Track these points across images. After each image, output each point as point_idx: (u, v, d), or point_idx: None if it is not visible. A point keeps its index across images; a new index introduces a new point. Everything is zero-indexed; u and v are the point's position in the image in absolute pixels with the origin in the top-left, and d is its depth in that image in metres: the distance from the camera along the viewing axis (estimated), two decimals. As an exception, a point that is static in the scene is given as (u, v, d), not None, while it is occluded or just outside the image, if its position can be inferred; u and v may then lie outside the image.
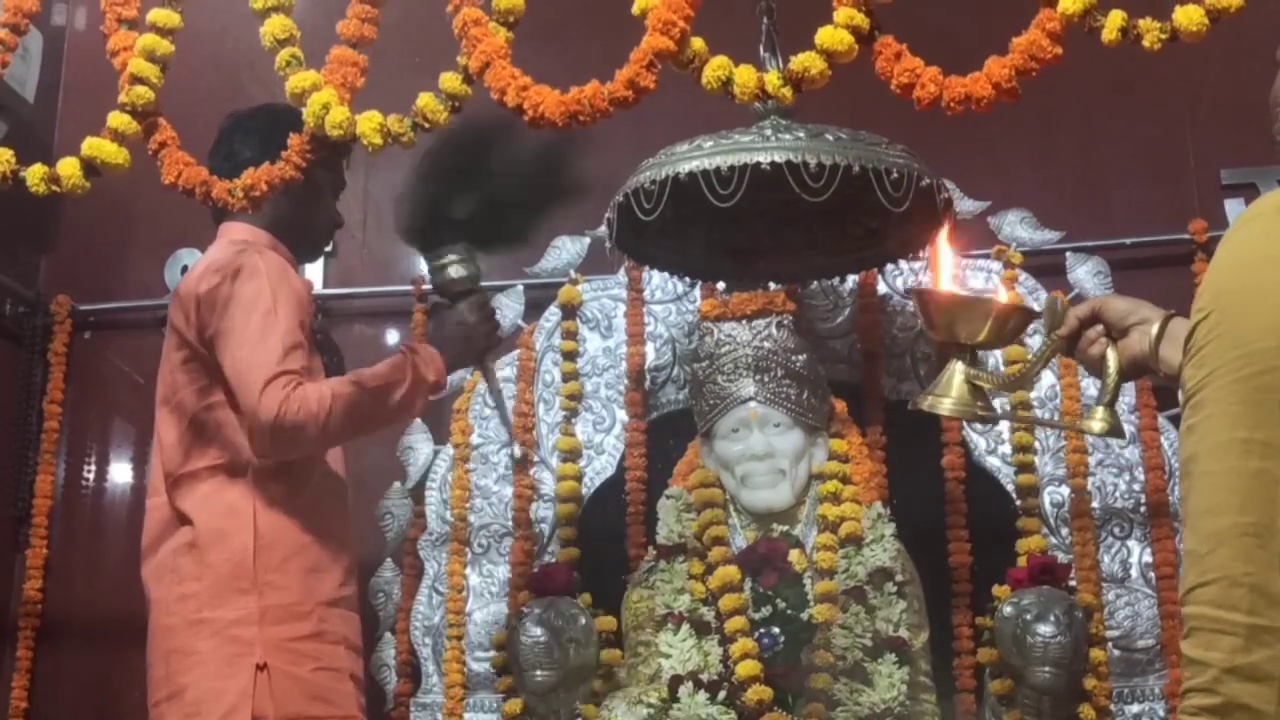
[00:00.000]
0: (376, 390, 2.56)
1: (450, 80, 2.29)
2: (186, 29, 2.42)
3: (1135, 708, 3.10)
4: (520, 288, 3.58)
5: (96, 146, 2.34)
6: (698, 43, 2.23)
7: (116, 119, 2.35)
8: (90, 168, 2.35)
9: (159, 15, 2.38)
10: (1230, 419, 1.14)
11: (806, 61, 2.20)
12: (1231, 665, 1.10)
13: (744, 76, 2.23)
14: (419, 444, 3.51)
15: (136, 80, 2.34)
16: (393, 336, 3.78)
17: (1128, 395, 3.28)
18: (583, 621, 3.06)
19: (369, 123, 2.28)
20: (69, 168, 2.36)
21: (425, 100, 2.29)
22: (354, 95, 2.33)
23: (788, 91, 2.23)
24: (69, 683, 3.60)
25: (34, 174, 2.39)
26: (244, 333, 2.50)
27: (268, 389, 2.42)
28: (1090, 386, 3.25)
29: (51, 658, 3.63)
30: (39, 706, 3.60)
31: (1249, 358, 1.14)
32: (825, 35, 2.20)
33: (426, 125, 2.30)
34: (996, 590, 2.99)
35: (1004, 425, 3.29)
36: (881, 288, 3.44)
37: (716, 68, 2.24)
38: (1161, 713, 3.07)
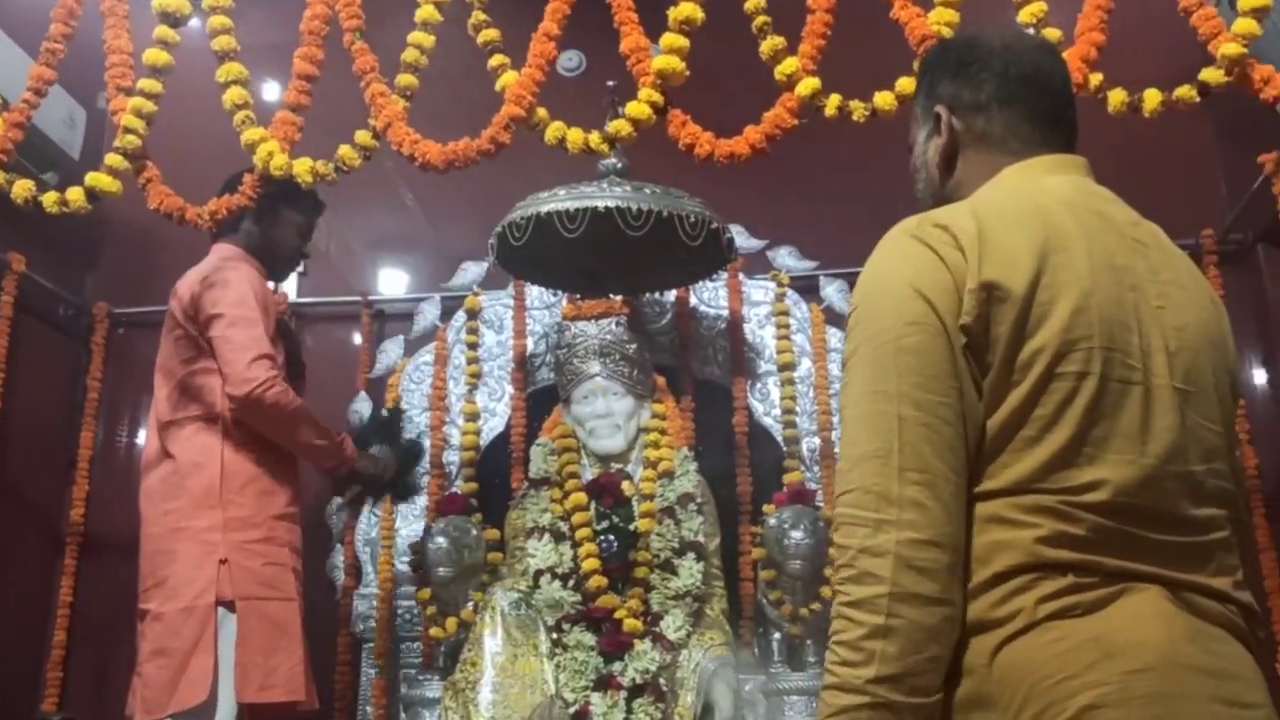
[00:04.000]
0: (316, 429, 2.59)
1: (363, 136, 2.21)
2: (176, 94, 2.30)
3: (863, 591, 3.06)
4: (438, 298, 3.50)
5: (95, 179, 2.25)
6: (542, 112, 2.17)
7: (112, 159, 2.26)
8: (91, 194, 2.23)
9: (146, 84, 2.28)
10: (865, 377, 1.14)
11: (618, 126, 2.15)
12: (863, 547, 1.08)
13: (574, 136, 2.18)
14: (363, 408, 3.39)
15: (128, 131, 2.23)
16: (349, 332, 3.64)
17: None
18: (474, 533, 2.97)
19: (302, 166, 2.20)
20: (75, 194, 2.24)
21: (344, 150, 2.22)
22: (292, 146, 2.23)
23: (605, 147, 2.18)
24: (102, 584, 3.45)
25: (49, 198, 2.27)
26: (231, 318, 2.44)
27: (255, 364, 2.37)
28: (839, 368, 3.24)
29: (90, 565, 3.49)
30: (81, 600, 3.46)
31: (877, 335, 1.14)
32: (631, 108, 2.16)
33: (346, 169, 2.21)
34: (766, 508, 2.96)
35: (775, 395, 3.26)
36: (692, 300, 3.40)
37: (555, 130, 2.18)
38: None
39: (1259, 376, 3.24)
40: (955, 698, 1.08)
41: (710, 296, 3.41)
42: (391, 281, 3.80)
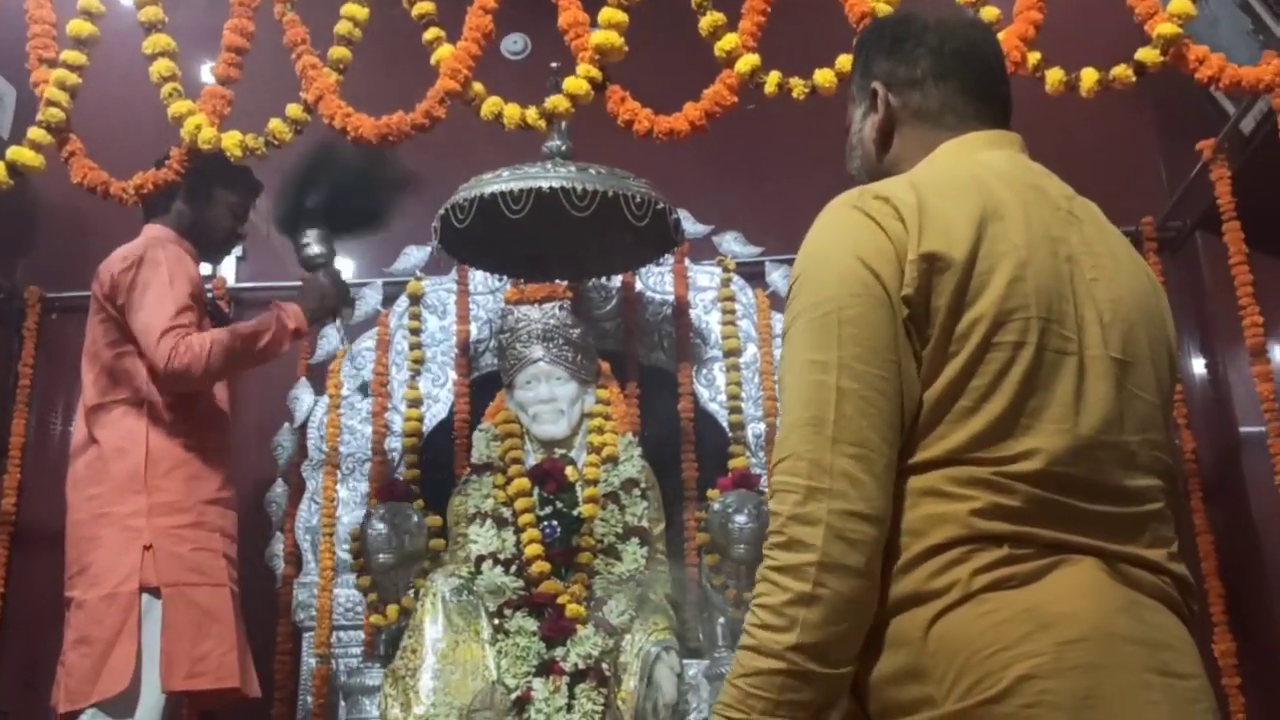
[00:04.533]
0: (247, 337, 2.43)
1: (294, 109, 2.15)
2: (99, 66, 2.23)
3: (807, 575, 3.05)
4: (379, 283, 3.43)
5: (18, 153, 2.17)
6: (478, 86, 2.13)
7: (35, 133, 2.18)
8: (13, 169, 2.15)
9: (70, 56, 2.20)
10: (803, 347, 1.12)
11: (555, 102, 2.12)
12: (793, 514, 1.06)
13: (511, 111, 2.14)
14: (303, 394, 3.33)
15: (50, 104, 2.14)
16: (287, 318, 3.56)
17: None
18: (415, 519, 2.92)
19: (231, 139, 2.13)
20: (-5, 168, 2.16)
21: (275, 124, 2.15)
22: (223, 119, 2.17)
23: (543, 123, 2.13)
24: (34, 575, 3.32)
25: (-32, 174, 2.18)
26: (144, 301, 2.35)
27: (163, 339, 2.28)
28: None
29: (22, 555, 3.38)
30: (13, 592, 3.35)
31: (817, 305, 1.12)
32: (570, 83, 2.12)
33: (276, 143, 2.15)
34: (710, 493, 2.94)
35: (721, 380, 3.24)
36: (638, 285, 3.37)
37: (491, 105, 2.14)
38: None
39: (1196, 364, 3.27)
40: (887, 670, 1.07)
41: (656, 282, 3.38)
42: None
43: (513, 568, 2.77)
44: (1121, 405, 1.13)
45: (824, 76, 2.07)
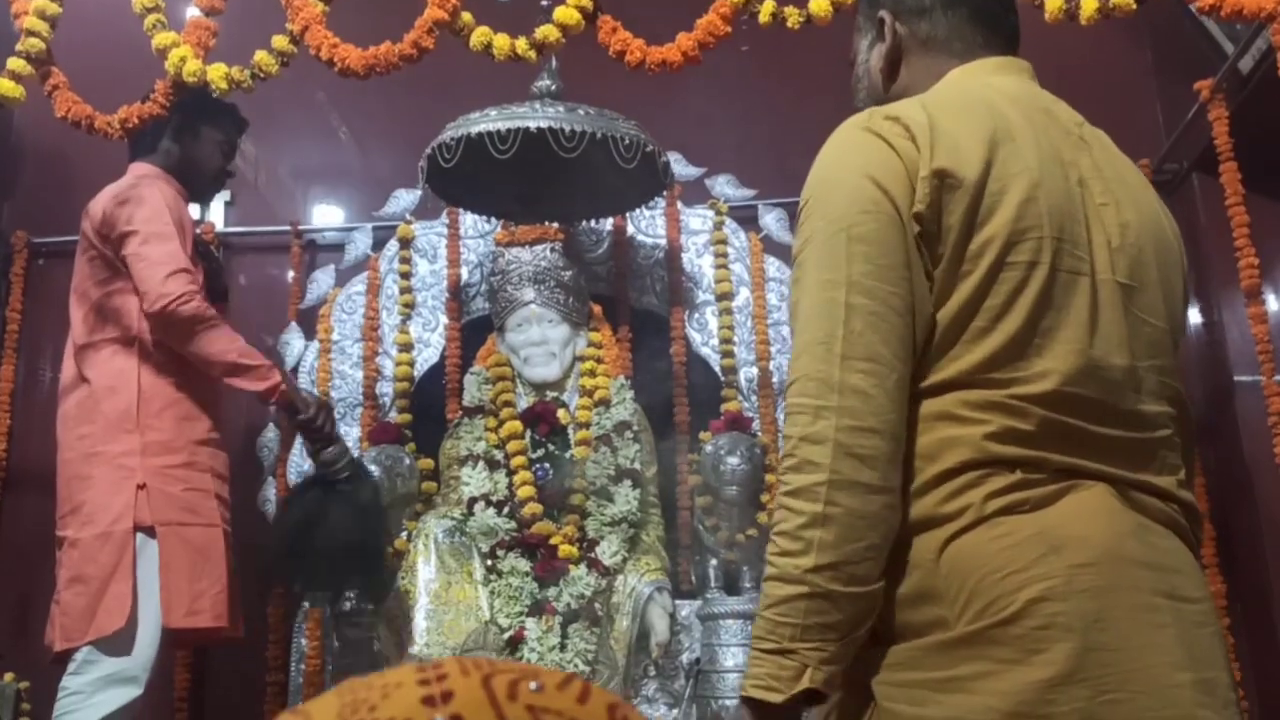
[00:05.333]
0: (240, 361, 2.34)
1: (279, 40, 2.10)
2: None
3: (799, 518, 3.06)
4: (369, 228, 3.38)
5: None
6: (467, 16, 2.09)
7: (14, 63, 2.12)
8: (-8, 101, 2.11)
9: (50, -16, 2.14)
10: (815, 268, 1.10)
11: (546, 31, 2.08)
12: (803, 434, 1.05)
13: (500, 41, 2.10)
14: (294, 340, 3.29)
15: (30, 34, 2.10)
16: (276, 263, 3.52)
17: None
18: (407, 462, 2.91)
19: (217, 72, 2.09)
20: (-26, 100, 2.11)
21: (261, 56, 2.10)
22: (208, 52, 2.12)
23: (533, 53, 2.10)
24: (25, 517, 3.32)
25: (-54, 105, 2.14)
26: (145, 234, 2.31)
27: (173, 277, 2.25)
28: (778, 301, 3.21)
29: (12, 499, 3.36)
30: (4, 535, 3.34)
31: (827, 225, 1.10)
32: (560, 13, 2.08)
33: (262, 75, 2.10)
34: (702, 435, 2.93)
35: (713, 324, 3.23)
36: (630, 229, 3.34)
37: (481, 35, 2.10)
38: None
39: (1191, 309, 3.27)
40: (900, 592, 1.06)
41: (648, 225, 3.35)
42: (323, 212, 3.68)
43: (505, 509, 2.77)
44: (1131, 329, 1.12)
45: (819, 5, 2.03)
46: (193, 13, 2.22)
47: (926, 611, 1.05)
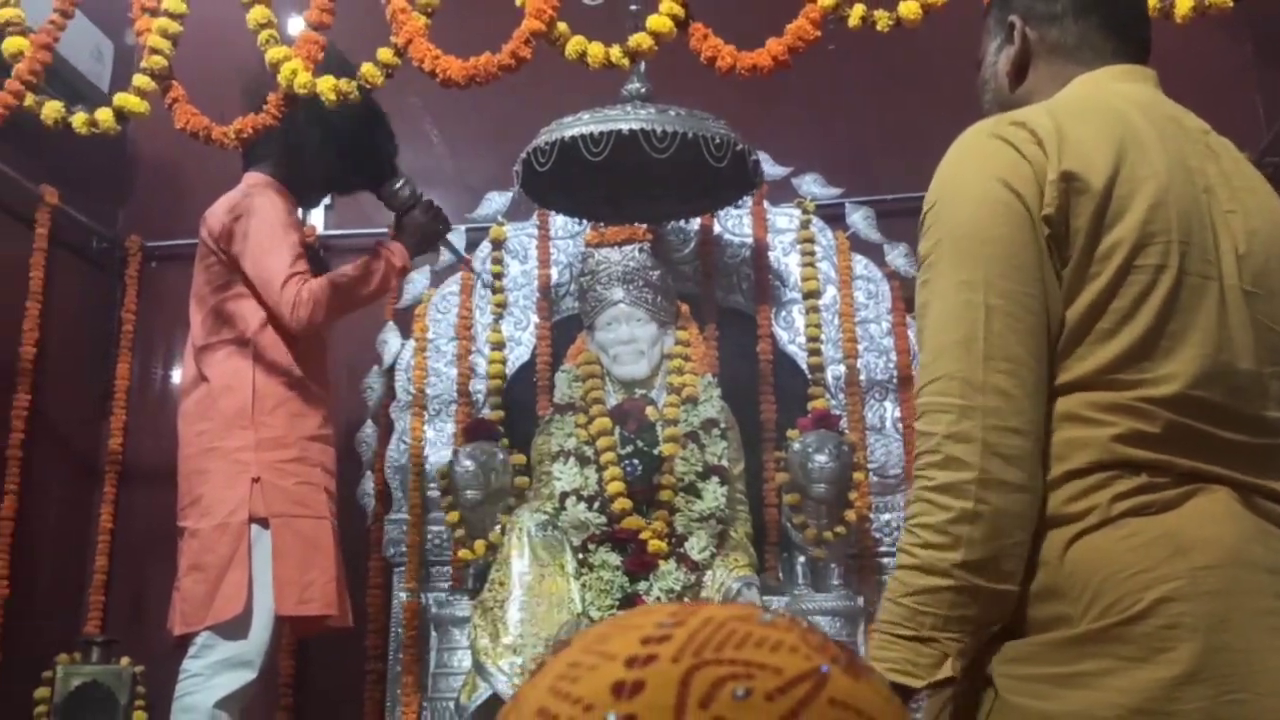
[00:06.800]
0: (358, 279, 2.54)
1: (384, 53, 2.19)
2: (198, 16, 2.30)
3: (886, 516, 3.07)
4: (462, 229, 3.45)
5: (124, 99, 2.22)
6: (562, 26, 2.14)
7: (139, 79, 2.23)
8: (120, 115, 2.23)
9: (172, 4, 2.24)
10: (948, 270, 1.12)
11: (639, 40, 2.12)
12: (949, 432, 1.07)
13: (595, 50, 2.14)
14: (391, 338, 3.40)
15: (154, 51, 2.21)
16: (374, 265, 3.65)
17: (885, 301, 3.26)
18: (501, 457, 2.98)
19: (326, 84, 2.17)
20: (104, 114, 2.23)
21: (367, 68, 2.19)
22: (317, 65, 2.22)
23: (626, 61, 2.14)
24: (139, 511, 3.48)
25: (79, 119, 2.26)
26: (260, 247, 2.44)
27: (286, 286, 2.38)
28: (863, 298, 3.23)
29: (127, 493, 3.52)
30: (120, 526, 3.50)
31: (957, 229, 1.12)
32: (653, 21, 2.12)
33: (368, 86, 2.19)
34: (790, 433, 2.95)
35: (800, 322, 3.25)
36: (716, 228, 3.37)
37: (576, 44, 2.15)
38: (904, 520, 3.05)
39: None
40: (1028, 589, 1.08)
41: (734, 224, 3.38)
42: (417, 214, 3.80)
43: (595, 504, 2.83)
44: (1255, 335, 1.13)
45: (909, 9, 2.04)
46: (300, 27, 2.32)
47: (1049, 608, 1.07)
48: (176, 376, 3.61)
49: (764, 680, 0.43)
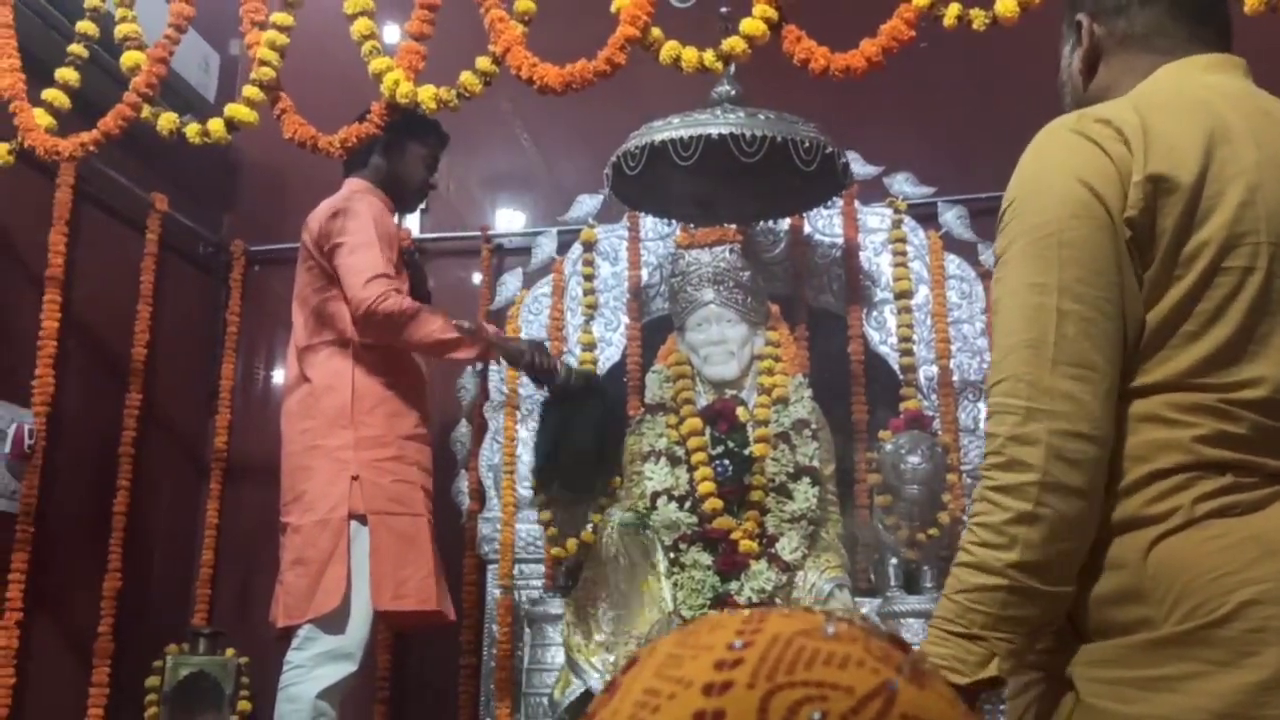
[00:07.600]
0: (438, 327, 2.52)
1: (483, 62, 2.24)
2: (305, 29, 2.39)
3: (981, 519, 3.04)
4: (554, 231, 3.53)
5: (234, 110, 2.32)
6: (656, 32, 2.17)
7: (249, 90, 2.33)
8: (230, 125, 2.32)
9: (279, 18, 2.35)
10: (1023, 270, 1.12)
11: (732, 44, 2.14)
12: (1013, 434, 1.07)
13: (689, 54, 2.17)
14: (484, 340, 3.48)
15: (262, 64, 2.31)
16: (467, 267, 3.73)
17: (979, 301, 3.22)
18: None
19: (427, 93, 2.24)
20: (216, 125, 2.34)
21: (466, 77, 2.25)
22: (417, 74, 2.29)
23: (719, 65, 2.16)
24: (244, 506, 3.62)
25: (192, 129, 2.37)
26: (352, 245, 2.50)
27: (372, 282, 2.43)
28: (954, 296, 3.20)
29: (233, 489, 3.66)
30: (226, 522, 3.64)
31: (1035, 229, 1.11)
32: (746, 24, 2.14)
33: (467, 94, 2.25)
34: (882, 434, 2.94)
35: (891, 323, 3.23)
36: (806, 228, 3.37)
37: (670, 49, 2.18)
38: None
39: None
40: (1101, 590, 1.08)
41: (825, 224, 3.38)
42: (509, 217, 3.87)
43: (686, 504, 2.85)
44: None
45: (1006, 6, 2.02)
46: (399, 37, 2.39)
47: (1131, 610, 1.06)
48: (278, 377, 3.74)
49: (837, 701, 0.44)
